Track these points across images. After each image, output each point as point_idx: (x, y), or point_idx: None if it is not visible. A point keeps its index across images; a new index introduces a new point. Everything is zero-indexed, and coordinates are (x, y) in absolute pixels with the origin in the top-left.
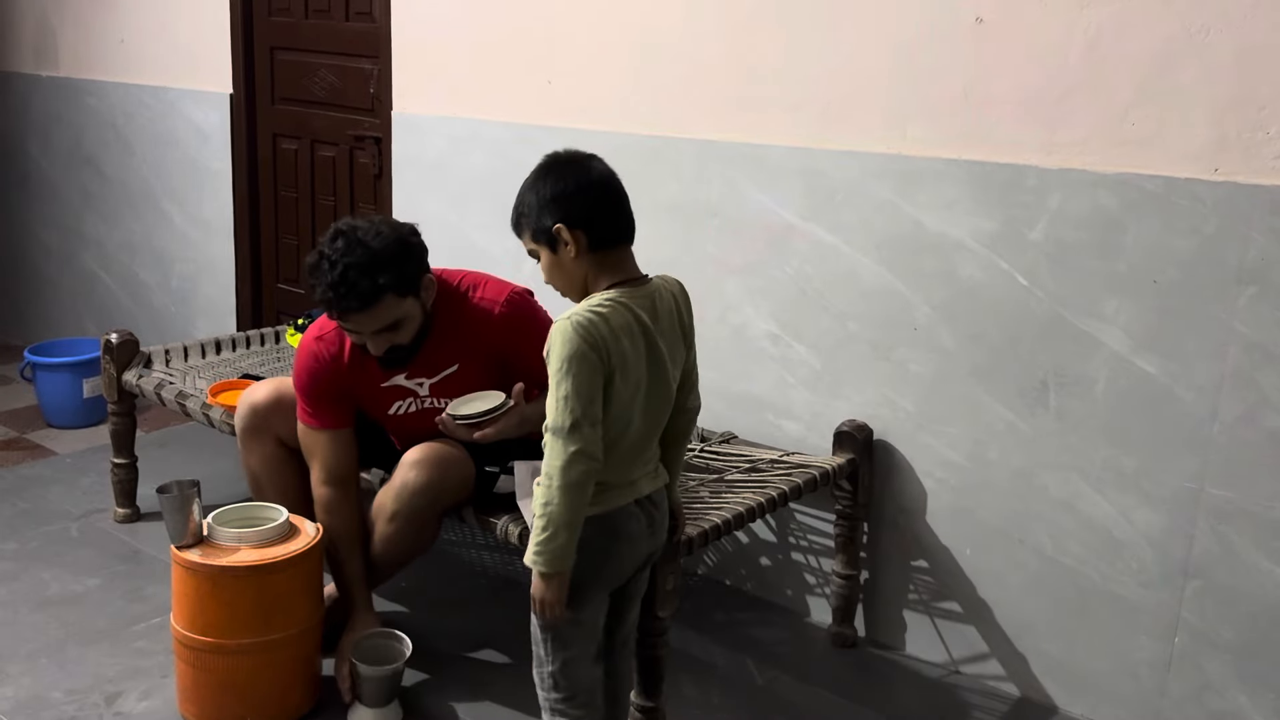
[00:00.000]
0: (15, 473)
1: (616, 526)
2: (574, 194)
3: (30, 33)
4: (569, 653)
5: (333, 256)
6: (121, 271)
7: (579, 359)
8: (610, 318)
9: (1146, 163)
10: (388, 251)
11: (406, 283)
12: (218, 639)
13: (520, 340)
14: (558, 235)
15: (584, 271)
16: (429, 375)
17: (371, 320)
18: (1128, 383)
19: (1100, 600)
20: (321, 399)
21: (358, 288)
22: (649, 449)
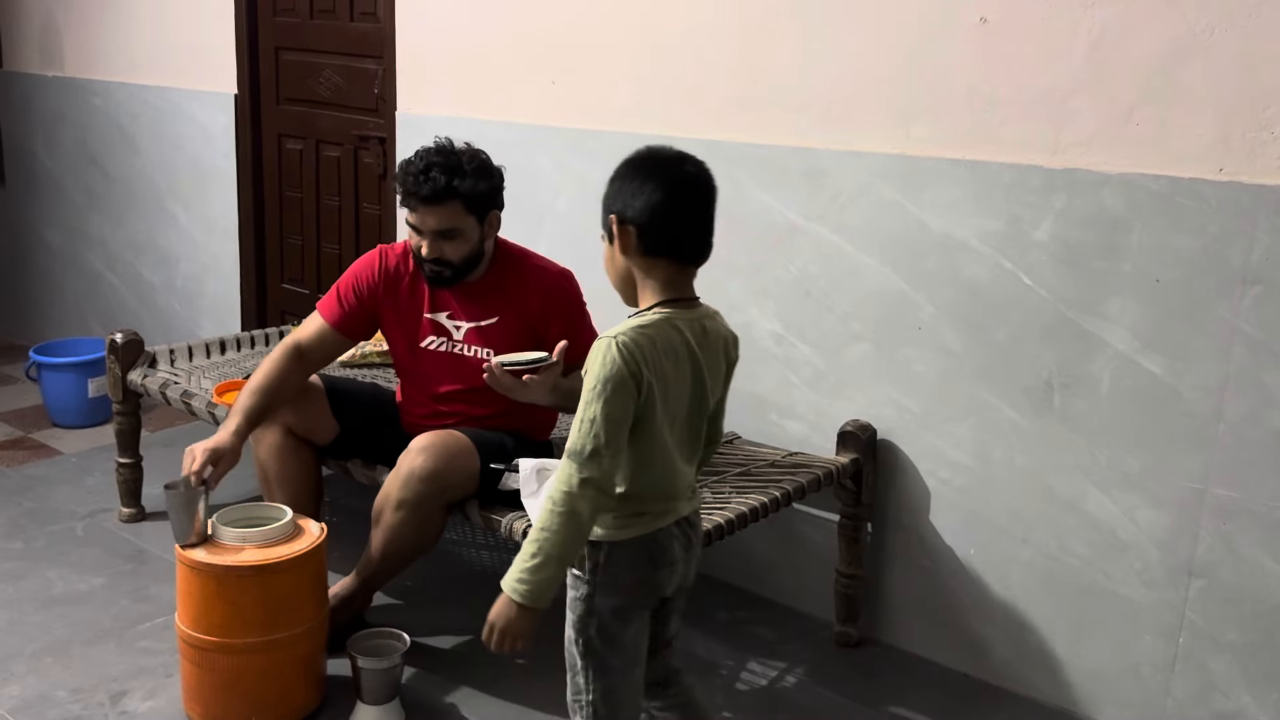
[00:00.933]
0: (21, 472)
1: (658, 551)
2: (642, 190)
3: (36, 32)
4: (610, 681)
5: (422, 153)
6: (126, 271)
7: (615, 383)
8: (657, 338)
9: (1151, 163)
10: (471, 166)
11: (476, 199)
12: (222, 638)
13: (565, 308)
14: (611, 226)
15: (630, 273)
16: (469, 319)
17: (433, 215)
18: (1132, 382)
19: (1104, 600)
20: (349, 296)
21: (434, 181)
22: (687, 472)
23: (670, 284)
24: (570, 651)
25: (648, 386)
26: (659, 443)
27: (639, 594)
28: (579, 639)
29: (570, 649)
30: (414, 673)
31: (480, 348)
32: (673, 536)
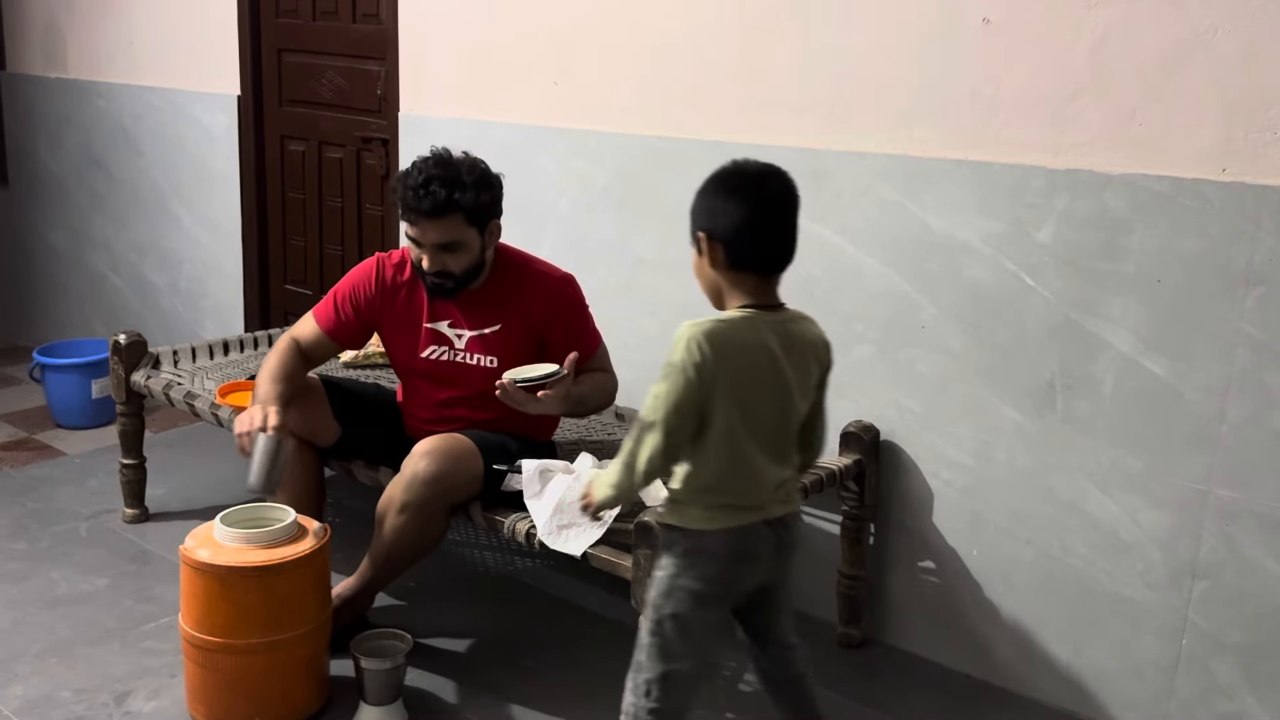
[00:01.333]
0: (24, 473)
1: (740, 546)
2: (727, 209)
3: (39, 35)
4: (671, 665)
5: (421, 166)
6: (130, 273)
7: (682, 371)
8: (733, 334)
9: (1154, 164)
10: (470, 176)
11: (477, 210)
12: (226, 639)
13: (567, 313)
14: (700, 242)
15: (718, 282)
16: (471, 328)
17: (435, 229)
18: (1135, 384)
19: (1107, 601)
20: (345, 306)
21: (435, 195)
22: (777, 473)
23: (755, 291)
24: (641, 629)
25: (717, 378)
26: (735, 436)
27: (719, 587)
28: (653, 616)
29: (642, 626)
30: (417, 673)
31: (483, 355)
32: (760, 535)
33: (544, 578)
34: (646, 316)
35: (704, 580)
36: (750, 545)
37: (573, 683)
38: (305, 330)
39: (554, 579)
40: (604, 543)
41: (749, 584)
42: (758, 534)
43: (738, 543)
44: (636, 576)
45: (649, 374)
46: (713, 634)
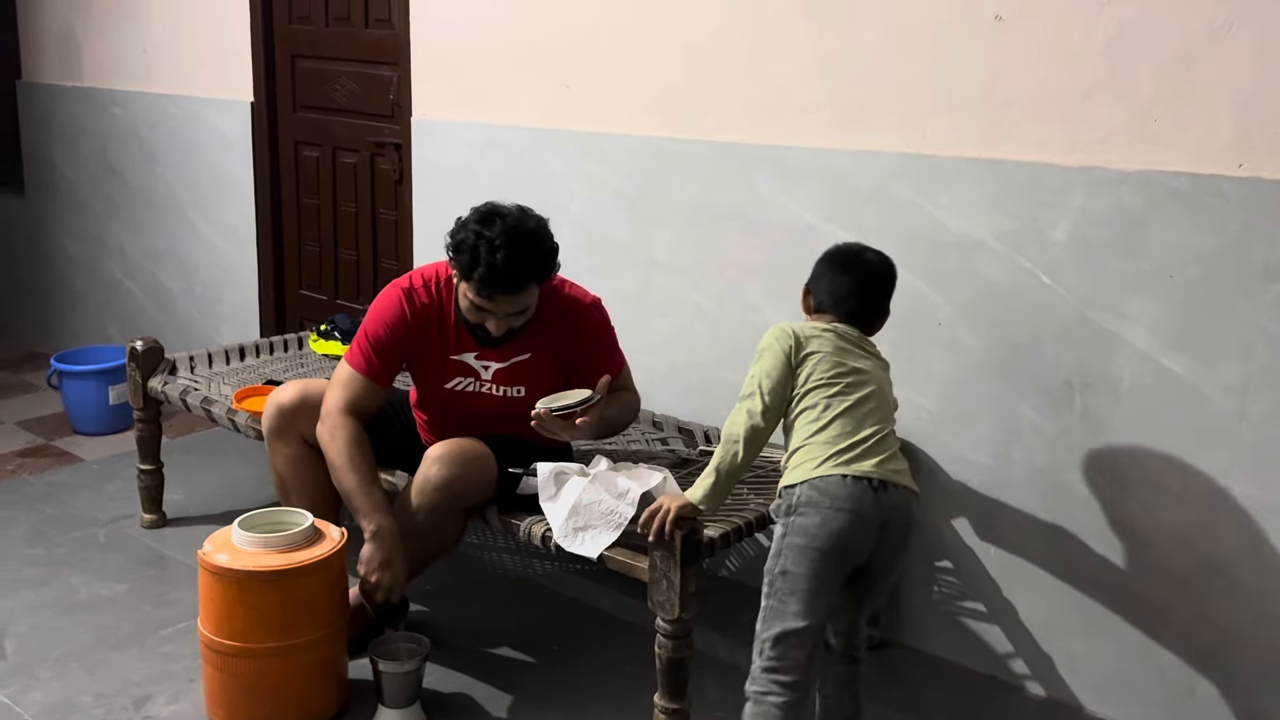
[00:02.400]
0: (43, 479)
1: (835, 494)
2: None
3: (55, 44)
4: (785, 626)
5: (494, 239)
6: (146, 279)
7: (768, 348)
8: (808, 329)
9: (1170, 160)
10: (543, 245)
11: (547, 272)
12: (244, 643)
13: (595, 337)
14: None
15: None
16: (499, 360)
17: (515, 303)
18: (1153, 381)
19: (1127, 599)
20: (382, 349)
21: (515, 274)
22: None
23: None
24: (762, 595)
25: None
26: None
27: (822, 543)
28: (766, 577)
29: (762, 594)
30: (435, 676)
31: (509, 387)
32: (858, 493)
33: (560, 580)
34: (660, 318)
35: (811, 539)
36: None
37: (589, 684)
38: (349, 389)
39: (570, 581)
40: (620, 545)
41: (861, 547)
42: (852, 490)
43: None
44: (653, 578)
45: (663, 375)
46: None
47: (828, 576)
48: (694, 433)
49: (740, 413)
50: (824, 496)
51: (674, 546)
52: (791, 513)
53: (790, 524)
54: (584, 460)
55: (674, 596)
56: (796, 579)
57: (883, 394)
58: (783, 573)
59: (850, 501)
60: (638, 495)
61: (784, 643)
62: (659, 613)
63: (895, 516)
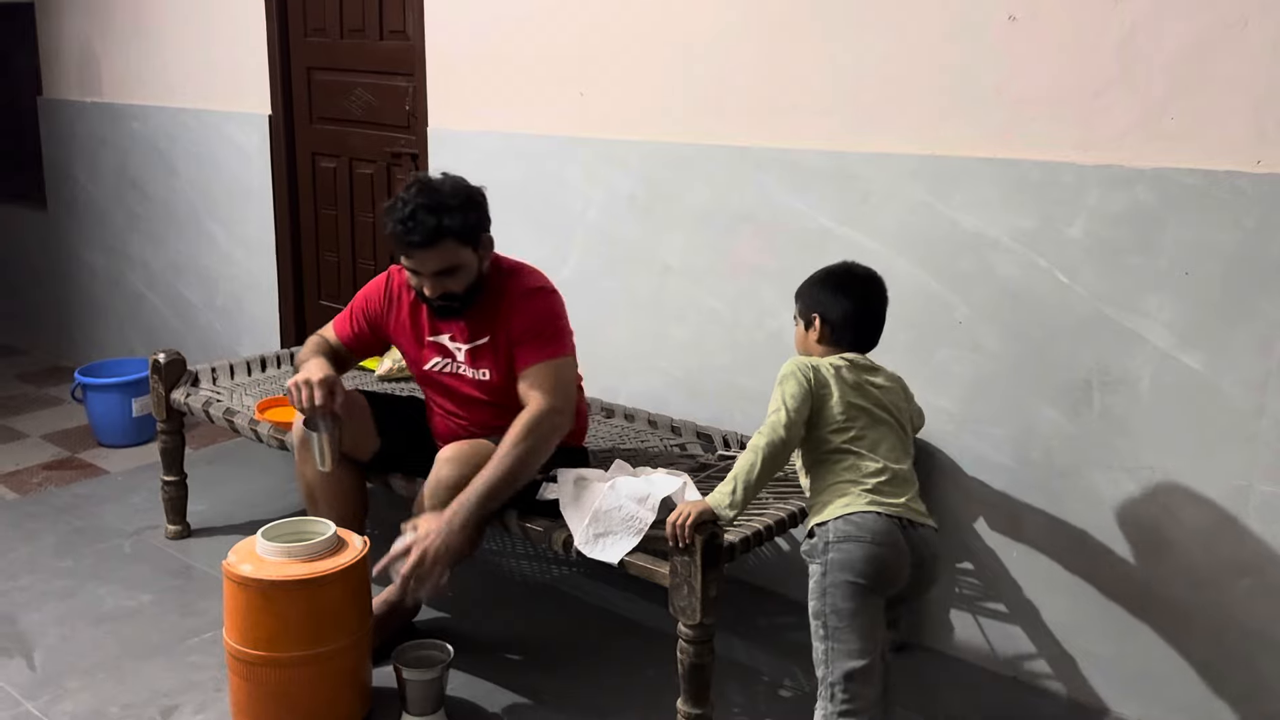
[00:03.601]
0: (69, 491)
1: (872, 528)
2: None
3: (75, 61)
4: (850, 664)
5: (405, 198)
6: (167, 291)
7: (791, 377)
8: (823, 366)
9: (1185, 157)
10: (455, 199)
11: (467, 231)
12: (269, 652)
13: (531, 324)
14: (814, 320)
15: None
16: (466, 341)
17: (431, 259)
18: (1173, 379)
19: (1150, 600)
20: (359, 318)
21: (423, 225)
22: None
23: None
24: (814, 639)
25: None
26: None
27: (873, 575)
28: (815, 620)
29: (814, 637)
30: (458, 682)
31: (475, 370)
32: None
33: (580, 585)
34: (675, 323)
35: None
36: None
37: (611, 689)
38: (325, 334)
39: (591, 586)
40: (641, 550)
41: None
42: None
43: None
44: (673, 583)
45: (679, 380)
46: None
47: (875, 608)
48: (712, 437)
49: (765, 426)
50: (861, 530)
51: (694, 551)
52: (828, 550)
53: (829, 561)
54: (603, 466)
55: (695, 602)
56: (847, 615)
57: (899, 427)
58: (834, 611)
59: (888, 536)
60: (658, 501)
61: (854, 681)
62: (680, 618)
63: (927, 553)
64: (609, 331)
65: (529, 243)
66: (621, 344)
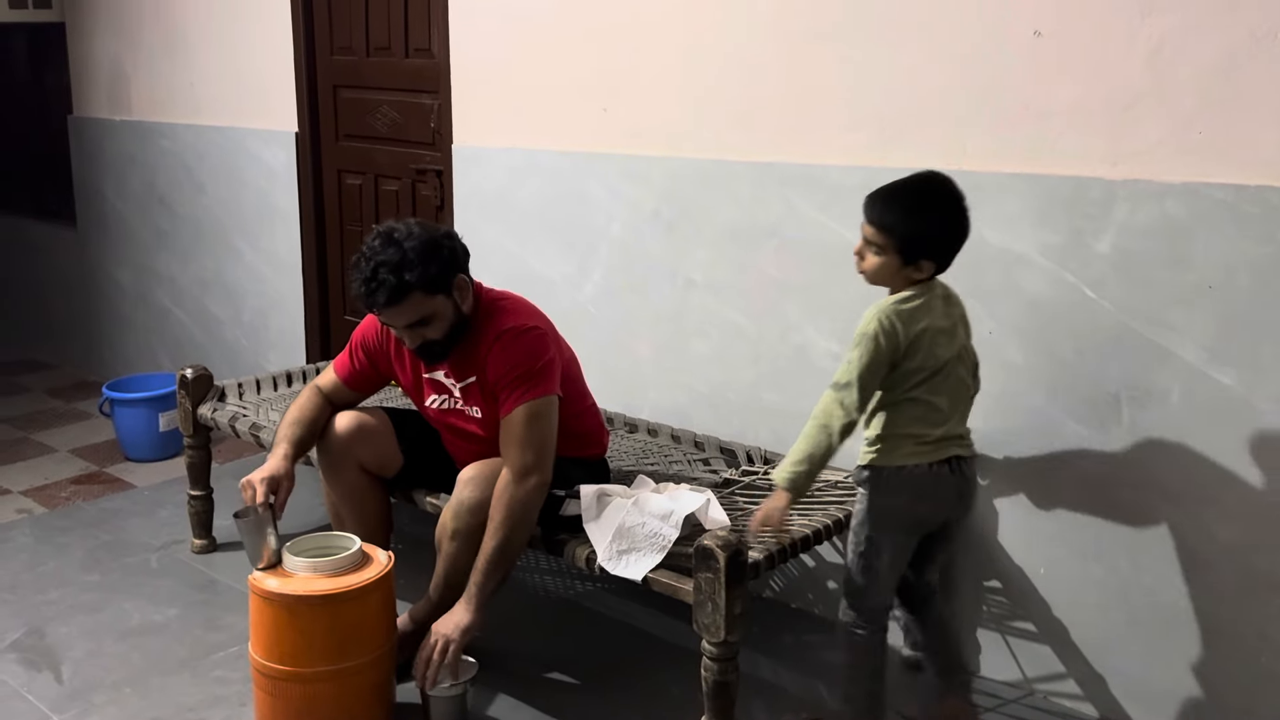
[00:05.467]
0: (96, 505)
1: (920, 485)
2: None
3: (105, 79)
4: (869, 578)
5: (368, 254)
6: (194, 307)
7: (872, 340)
8: (914, 311)
9: (1215, 171)
10: (416, 251)
11: (433, 281)
12: (294, 667)
13: (504, 368)
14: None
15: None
16: (459, 379)
17: (399, 314)
18: (1203, 394)
19: (1181, 618)
20: (358, 354)
21: (385, 284)
22: (953, 420)
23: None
24: (850, 548)
25: (899, 347)
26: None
27: (904, 523)
28: (855, 541)
29: (850, 547)
30: (480, 698)
31: (468, 406)
32: (941, 476)
33: (603, 601)
34: (698, 338)
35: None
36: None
37: (634, 706)
38: (326, 379)
39: (613, 602)
40: (664, 567)
41: (933, 521)
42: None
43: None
44: (698, 600)
45: (703, 395)
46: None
47: (906, 549)
48: (736, 453)
49: (835, 404)
50: (907, 486)
51: (719, 569)
52: (878, 495)
53: (875, 509)
54: (625, 481)
55: (720, 619)
56: (880, 546)
57: (965, 350)
58: (869, 540)
59: (935, 489)
60: (681, 517)
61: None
62: (704, 635)
63: (967, 488)
64: (632, 346)
65: (553, 259)
66: (644, 359)
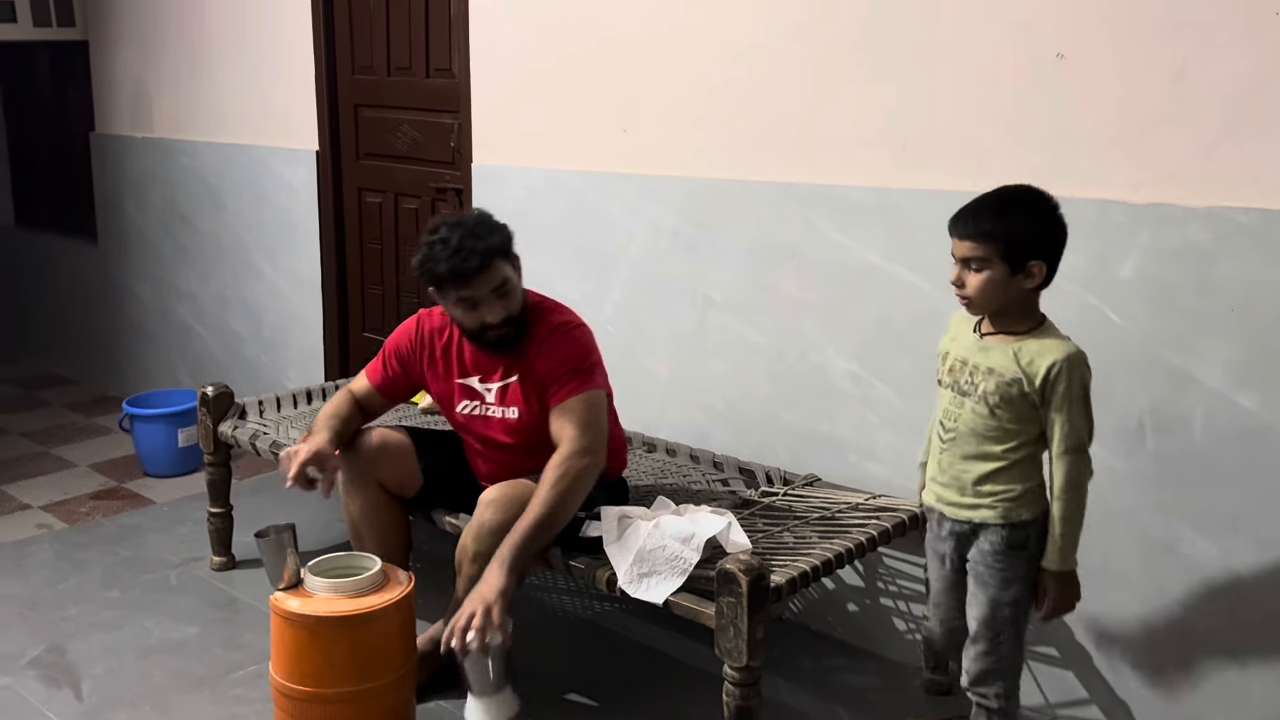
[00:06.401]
0: (116, 521)
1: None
2: (1058, 239)
3: (127, 97)
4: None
5: (441, 237)
6: (215, 323)
7: (1088, 387)
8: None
9: (1239, 195)
10: (484, 225)
11: (506, 248)
12: (315, 688)
13: (560, 360)
14: (1029, 268)
15: (1017, 300)
16: (496, 380)
17: (487, 280)
18: (1228, 421)
19: (1207, 646)
20: (390, 362)
21: (475, 251)
22: None
23: (1037, 307)
24: (1000, 620)
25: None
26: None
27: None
28: (1011, 608)
29: (1001, 618)
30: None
31: (504, 409)
32: None
33: (622, 622)
34: (716, 358)
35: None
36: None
37: None
38: (359, 385)
39: (633, 624)
40: (686, 590)
41: None
42: None
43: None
44: (720, 625)
45: (721, 414)
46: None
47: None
48: (755, 473)
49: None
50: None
51: (742, 593)
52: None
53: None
54: (645, 502)
55: (741, 643)
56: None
57: None
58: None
59: None
60: (703, 540)
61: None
62: (726, 660)
63: None
64: (650, 365)
65: (572, 277)
66: (663, 378)
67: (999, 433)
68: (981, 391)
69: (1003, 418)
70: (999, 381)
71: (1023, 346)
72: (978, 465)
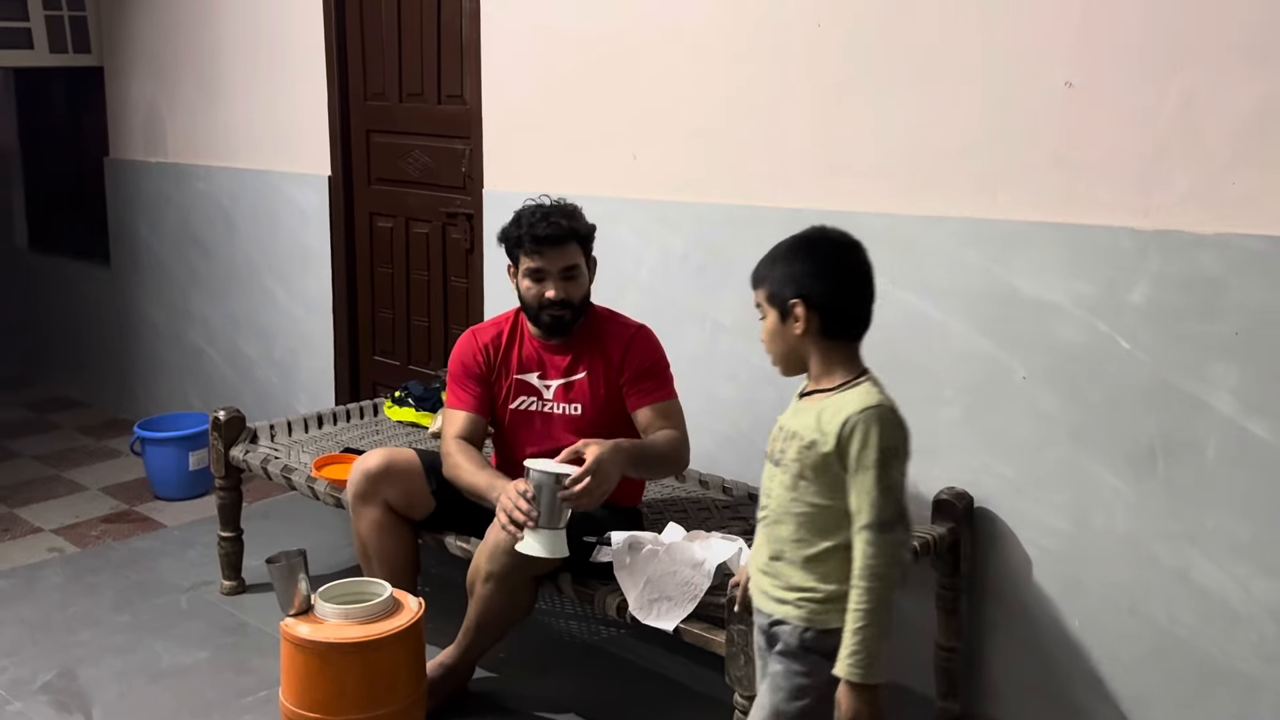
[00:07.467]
0: (127, 545)
1: None
2: (824, 277)
3: (141, 123)
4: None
5: (534, 208)
6: (226, 346)
7: (902, 452)
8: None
9: (1250, 223)
10: (576, 210)
11: (588, 238)
12: (325, 714)
13: (640, 357)
14: (791, 309)
15: (802, 351)
16: (558, 377)
17: (561, 256)
18: (1239, 447)
19: (1219, 675)
20: (465, 380)
21: (558, 223)
22: None
23: (855, 359)
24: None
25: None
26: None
27: None
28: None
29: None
30: None
31: (567, 404)
32: None
33: (632, 648)
34: (725, 382)
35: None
36: None
37: None
38: (455, 423)
39: (642, 650)
40: (696, 617)
41: None
42: None
43: None
44: (730, 653)
45: (729, 439)
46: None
47: None
48: None
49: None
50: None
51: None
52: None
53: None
54: (656, 528)
55: (752, 671)
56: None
57: None
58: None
59: None
60: (713, 567)
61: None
62: (736, 688)
63: None
64: None
65: None
66: None
67: (809, 511)
68: (787, 460)
69: (806, 490)
70: (799, 446)
71: (826, 405)
72: (789, 550)
